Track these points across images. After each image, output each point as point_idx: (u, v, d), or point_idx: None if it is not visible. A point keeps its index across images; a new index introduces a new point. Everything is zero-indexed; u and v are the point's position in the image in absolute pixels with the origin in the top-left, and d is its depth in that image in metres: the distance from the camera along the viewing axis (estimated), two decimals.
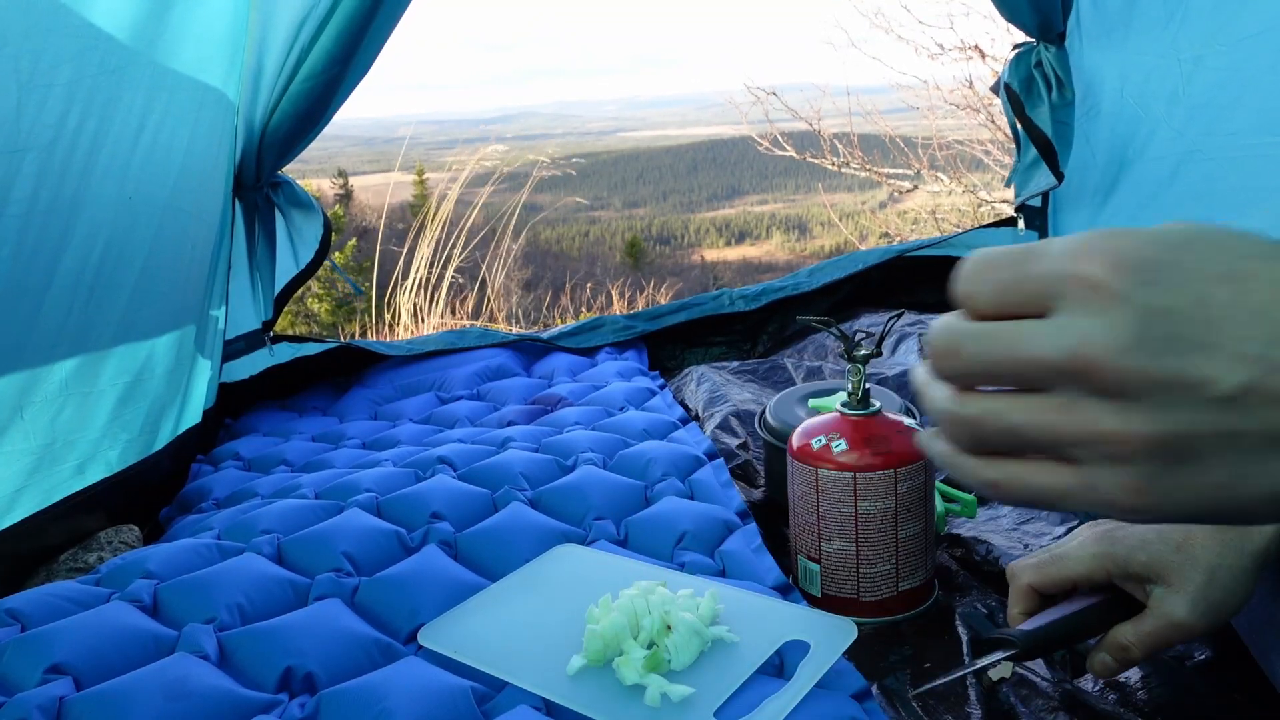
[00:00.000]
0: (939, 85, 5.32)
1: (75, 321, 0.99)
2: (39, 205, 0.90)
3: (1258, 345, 0.29)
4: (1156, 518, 0.31)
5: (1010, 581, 0.67)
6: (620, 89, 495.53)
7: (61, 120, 0.90)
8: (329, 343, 1.60)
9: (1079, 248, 0.31)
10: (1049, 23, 1.61)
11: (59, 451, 1.00)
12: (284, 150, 1.38)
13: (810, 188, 28.87)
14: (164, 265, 1.15)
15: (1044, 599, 0.65)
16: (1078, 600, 0.65)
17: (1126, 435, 0.30)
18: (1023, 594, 0.65)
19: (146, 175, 1.07)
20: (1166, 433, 0.29)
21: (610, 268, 18.13)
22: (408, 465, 1.13)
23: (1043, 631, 0.63)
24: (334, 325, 6.44)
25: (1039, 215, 1.78)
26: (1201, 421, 0.29)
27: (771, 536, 0.98)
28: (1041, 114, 1.64)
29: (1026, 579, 0.65)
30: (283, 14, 1.27)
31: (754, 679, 0.68)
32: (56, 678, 0.72)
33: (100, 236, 1.00)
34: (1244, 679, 0.68)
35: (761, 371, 1.51)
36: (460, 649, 0.75)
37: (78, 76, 0.91)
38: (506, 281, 4.44)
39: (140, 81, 1.02)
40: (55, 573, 0.98)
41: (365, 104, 52.83)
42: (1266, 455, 0.29)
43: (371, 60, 1.36)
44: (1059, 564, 0.63)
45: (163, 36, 1.03)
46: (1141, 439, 0.30)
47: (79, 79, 0.91)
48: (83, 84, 0.92)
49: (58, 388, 0.99)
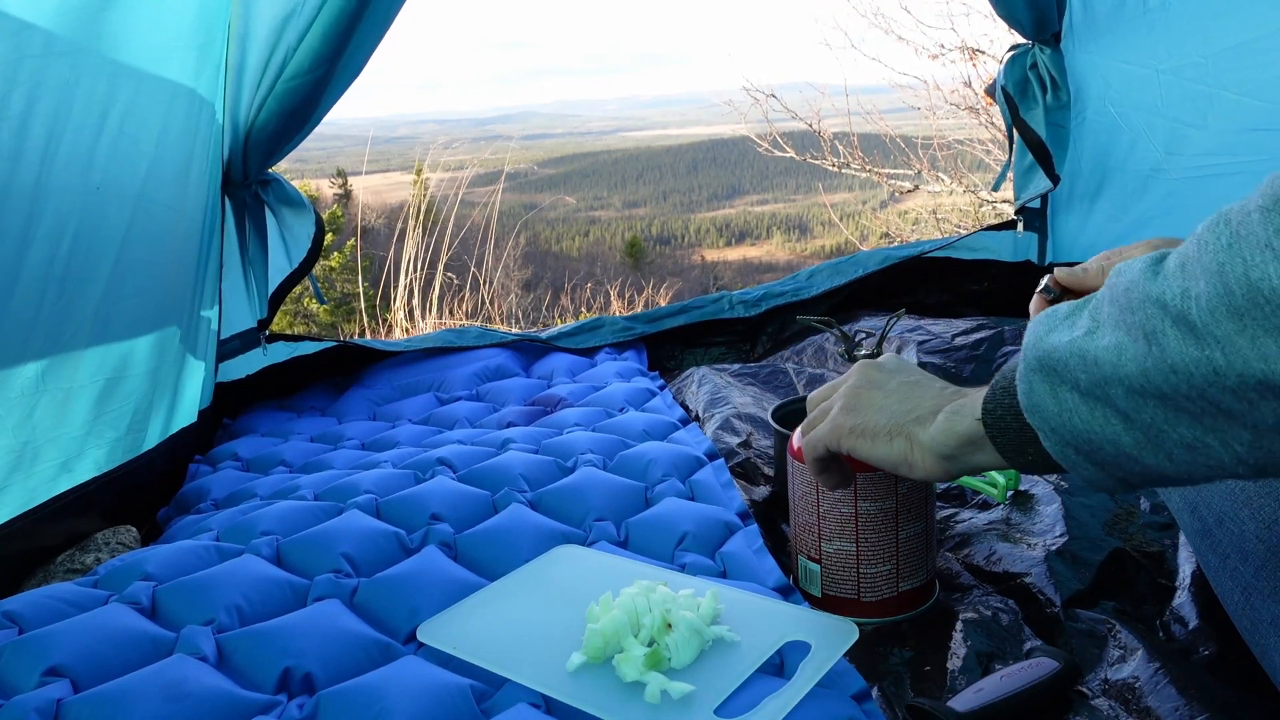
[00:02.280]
0: (939, 85, 5.32)
1: (47, 315, 0.98)
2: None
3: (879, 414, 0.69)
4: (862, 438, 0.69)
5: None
6: (621, 88, 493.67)
7: (3, 101, 0.88)
8: (326, 342, 1.60)
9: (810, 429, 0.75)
10: (1044, 22, 1.61)
11: (39, 449, 0.99)
12: (272, 149, 1.37)
13: (810, 188, 28.88)
14: (140, 259, 1.13)
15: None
16: (1019, 676, 0.68)
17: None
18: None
19: (114, 166, 1.06)
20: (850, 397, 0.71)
21: (610, 268, 18.13)
22: (407, 466, 1.13)
23: (982, 713, 0.65)
24: (332, 325, 6.44)
25: (1038, 217, 1.78)
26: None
27: (776, 535, 0.98)
28: (1036, 116, 1.64)
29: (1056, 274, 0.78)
30: (264, 10, 1.26)
31: (754, 678, 0.68)
32: (54, 680, 0.71)
33: (69, 227, 0.99)
34: (1244, 678, 0.68)
35: (763, 375, 1.51)
36: (459, 645, 0.75)
37: (17, 56, 0.88)
38: (505, 281, 4.44)
39: (99, 69, 1.01)
40: (53, 574, 0.98)
41: (364, 103, 52.48)
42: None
43: (363, 61, 1.35)
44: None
45: (106, 25, 1.01)
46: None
47: (18, 59, 0.89)
48: (25, 64, 0.90)
49: (31, 384, 0.97)
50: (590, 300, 5.15)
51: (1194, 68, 1.37)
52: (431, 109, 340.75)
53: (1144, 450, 0.48)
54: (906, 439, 0.65)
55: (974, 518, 0.97)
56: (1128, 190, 1.56)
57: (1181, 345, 0.43)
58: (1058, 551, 0.86)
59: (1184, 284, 0.43)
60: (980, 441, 0.60)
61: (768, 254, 34.42)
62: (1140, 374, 0.45)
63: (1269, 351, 0.40)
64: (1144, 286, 0.45)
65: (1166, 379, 0.44)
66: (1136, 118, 1.50)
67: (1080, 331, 0.49)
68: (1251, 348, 0.41)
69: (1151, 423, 0.46)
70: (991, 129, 5.06)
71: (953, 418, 0.63)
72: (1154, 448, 0.47)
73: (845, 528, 0.80)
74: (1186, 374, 0.43)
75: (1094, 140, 1.62)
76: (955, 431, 0.62)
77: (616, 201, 51.22)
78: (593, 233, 39.67)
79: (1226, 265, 0.41)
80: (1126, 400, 0.47)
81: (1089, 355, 0.48)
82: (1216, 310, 0.41)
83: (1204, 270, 0.42)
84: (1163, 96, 1.44)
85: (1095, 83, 1.58)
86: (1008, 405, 0.58)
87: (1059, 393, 0.51)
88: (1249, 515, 0.65)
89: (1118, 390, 0.47)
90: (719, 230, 43.48)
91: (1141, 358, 0.45)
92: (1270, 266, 0.40)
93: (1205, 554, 0.70)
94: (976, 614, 0.80)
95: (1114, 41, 1.52)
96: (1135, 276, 0.47)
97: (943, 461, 0.64)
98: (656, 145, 61.06)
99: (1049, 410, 0.51)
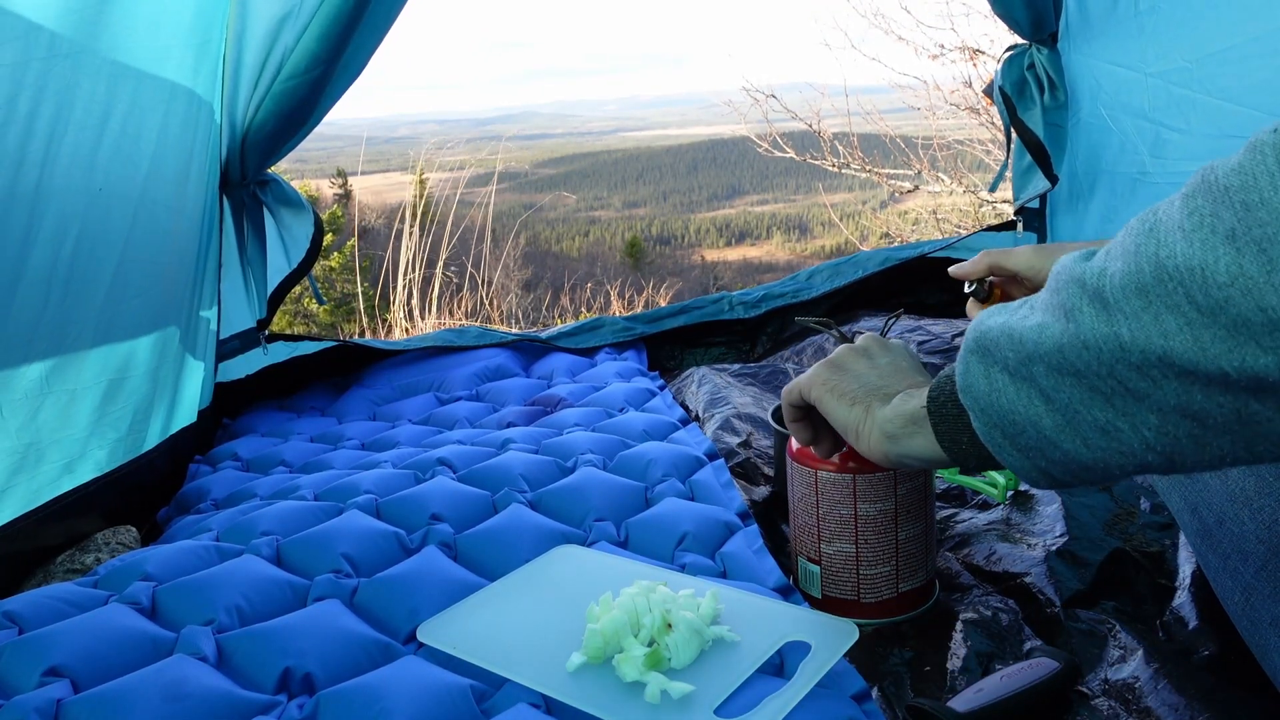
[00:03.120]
0: (939, 85, 5.32)
1: (51, 316, 0.98)
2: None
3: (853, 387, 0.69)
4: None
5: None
6: (621, 89, 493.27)
7: (10, 103, 0.88)
8: (326, 342, 1.60)
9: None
10: (1042, 22, 1.61)
11: (43, 451, 1.00)
12: (269, 149, 1.37)
13: (810, 188, 28.86)
14: (141, 259, 1.13)
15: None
16: (1019, 676, 0.68)
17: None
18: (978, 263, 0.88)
19: (116, 167, 1.06)
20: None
21: (610, 268, 18.13)
22: (407, 467, 1.13)
23: (982, 713, 0.65)
24: (332, 325, 6.44)
25: (1037, 217, 1.78)
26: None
27: (776, 535, 0.98)
28: (1034, 116, 1.64)
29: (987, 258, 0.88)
30: (261, 10, 1.26)
31: (754, 678, 0.68)
32: (54, 680, 0.71)
33: (71, 228, 0.99)
34: (1244, 678, 0.68)
35: (763, 375, 1.51)
36: (459, 645, 0.75)
37: (24, 59, 0.89)
38: (505, 281, 4.44)
39: (100, 70, 1.01)
40: (53, 574, 0.98)
41: (364, 104, 52.32)
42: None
43: (363, 62, 1.35)
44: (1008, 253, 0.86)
45: (107, 26, 1.01)
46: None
47: (26, 61, 0.89)
48: (31, 67, 0.90)
49: (36, 385, 0.98)
50: (590, 300, 5.15)
51: (1179, 72, 1.36)
52: (432, 109, 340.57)
53: (1062, 434, 0.49)
54: (865, 409, 0.67)
55: (974, 518, 0.98)
56: (1118, 193, 1.56)
57: (1094, 321, 0.45)
58: (1058, 551, 0.86)
59: (1104, 264, 0.45)
60: (921, 423, 0.61)
61: (768, 254, 34.43)
62: (1057, 350, 0.47)
63: (1169, 327, 0.41)
64: (1071, 268, 0.47)
65: (1079, 355, 0.46)
66: (1125, 120, 1.50)
67: (1017, 316, 0.51)
68: (1154, 324, 0.42)
69: (1069, 403, 0.48)
70: (991, 129, 5.05)
71: (906, 399, 0.64)
72: (1071, 431, 0.48)
73: (845, 529, 0.80)
74: (1096, 349, 0.45)
75: (1087, 141, 1.61)
76: (902, 411, 0.63)
77: (616, 201, 51.21)
78: (593, 233, 39.66)
79: (1142, 247, 0.43)
80: (1047, 378, 0.48)
81: (1016, 333, 0.50)
82: (1127, 288, 0.43)
83: (1123, 252, 0.44)
84: (1149, 100, 1.44)
85: (1088, 84, 1.58)
86: (949, 392, 0.59)
87: (990, 372, 0.52)
88: (1249, 515, 0.65)
89: (1040, 368, 0.48)
90: (719, 230, 43.48)
91: (1059, 334, 0.47)
92: (1178, 245, 0.41)
93: (1205, 554, 0.70)
94: (976, 614, 0.80)
95: (1106, 43, 1.52)
96: (1069, 262, 0.48)
97: (885, 441, 0.64)
98: (656, 145, 61.05)
99: (980, 389, 0.53)
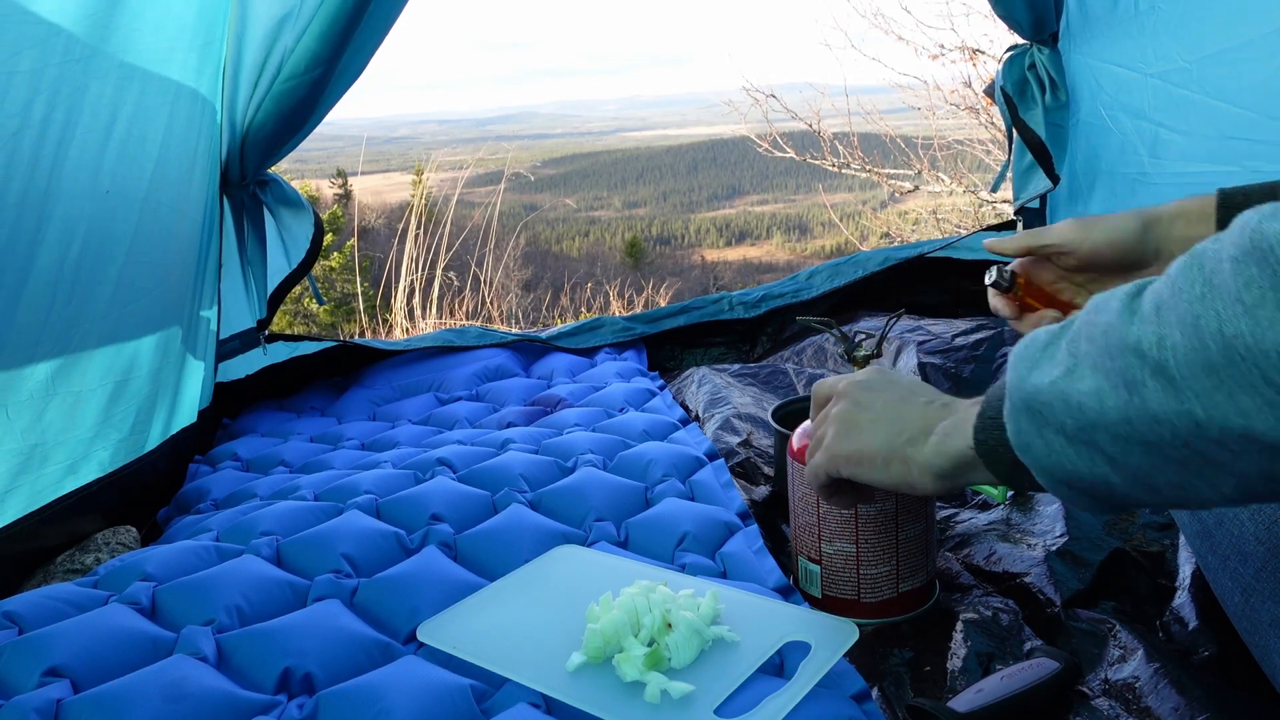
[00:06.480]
0: (939, 85, 5.32)
1: (57, 318, 0.98)
2: (9, 197, 0.88)
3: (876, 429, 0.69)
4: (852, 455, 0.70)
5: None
6: (621, 89, 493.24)
7: (26, 109, 0.88)
8: (326, 342, 1.60)
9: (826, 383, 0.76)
10: (1042, 22, 1.61)
11: (47, 452, 1.00)
12: (269, 149, 1.37)
13: (810, 188, 28.85)
14: (146, 261, 1.13)
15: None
16: (1019, 676, 0.68)
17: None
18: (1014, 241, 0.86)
19: (122, 168, 1.06)
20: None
21: (610, 268, 18.13)
22: (407, 467, 1.13)
23: (983, 713, 0.65)
24: (332, 325, 6.44)
25: (1037, 217, 1.77)
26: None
27: (776, 535, 0.98)
28: (1035, 116, 1.63)
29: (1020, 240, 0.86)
30: (260, 11, 1.26)
31: (754, 678, 0.68)
32: (54, 680, 0.71)
33: (78, 231, 0.99)
34: (1244, 678, 0.68)
35: (763, 376, 1.51)
36: (459, 645, 0.75)
37: (40, 65, 0.89)
38: (505, 281, 4.44)
39: (108, 72, 1.01)
40: (53, 574, 0.98)
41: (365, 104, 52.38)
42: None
43: (363, 63, 1.35)
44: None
45: (116, 28, 1.01)
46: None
47: (42, 67, 0.89)
48: (46, 73, 0.90)
49: (42, 386, 0.98)
50: (590, 300, 5.15)
51: (1179, 73, 1.36)
52: (432, 109, 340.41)
53: (1134, 489, 0.49)
54: (903, 462, 0.66)
55: (974, 518, 0.97)
56: (1117, 194, 1.55)
57: (1162, 397, 0.44)
58: (1058, 552, 0.86)
59: (1159, 331, 0.44)
60: (975, 463, 0.61)
61: (768, 254, 34.44)
62: (1123, 421, 0.46)
63: (1246, 407, 0.41)
64: (1121, 331, 0.46)
65: (1151, 428, 0.45)
66: (1125, 121, 1.49)
67: (1060, 370, 0.50)
68: (1230, 403, 0.41)
69: (1139, 467, 0.47)
70: (991, 129, 5.05)
71: (945, 440, 0.63)
72: (1143, 488, 0.48)
73: (845, 529, 0.80)
74: (1170, 425, 0.44)
75: (1087, 141, 1.61)
76: (949, 454, 0.63)
77: (616, 202, 51.22)
78: (593, 233, 39.67)
79: (1201, 318, 0.42)
80: (1112, 446, 0.47)
81: (1072, 400, 0.49)
82: (1194, 365, 0.42)
83: (1179, 320, 0.43)
84: (1149, 100, 1.43)
85: (1088, 84, 1.58)
86: (999, 438, 0.58)
87: (1045, 434, 0.51)
88: (1249, 516, 0.65)
89: (1103, 436, 0.48)
90: (719, 230, 43.49)
91: (1123, 406, 0.46)
92: (1242, 323, 0.40)
93: (1205, 555, 0.70)
94: (976, 614, 0.80)
95: (1106, 43, 1.52)
96: (1112, 318, 0.47)
97: (941, 480, 0.64)
98: (656, 145, 61.07)
99: (1038, 450, 0.52)
